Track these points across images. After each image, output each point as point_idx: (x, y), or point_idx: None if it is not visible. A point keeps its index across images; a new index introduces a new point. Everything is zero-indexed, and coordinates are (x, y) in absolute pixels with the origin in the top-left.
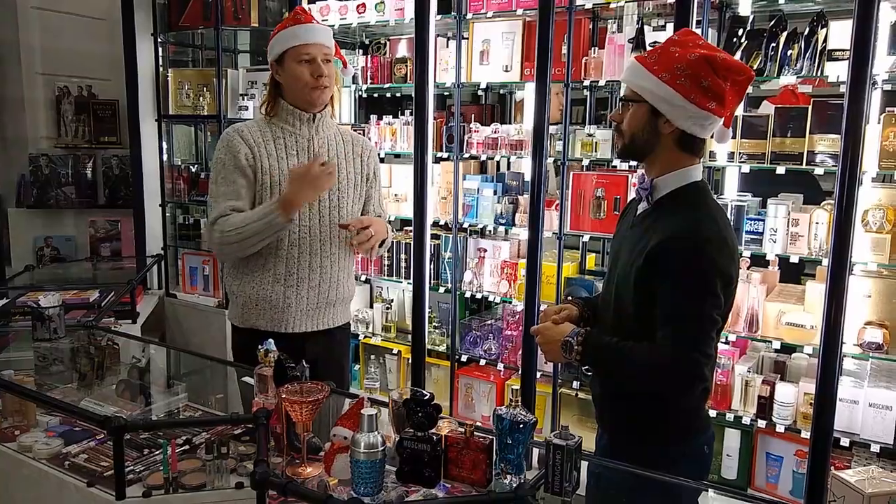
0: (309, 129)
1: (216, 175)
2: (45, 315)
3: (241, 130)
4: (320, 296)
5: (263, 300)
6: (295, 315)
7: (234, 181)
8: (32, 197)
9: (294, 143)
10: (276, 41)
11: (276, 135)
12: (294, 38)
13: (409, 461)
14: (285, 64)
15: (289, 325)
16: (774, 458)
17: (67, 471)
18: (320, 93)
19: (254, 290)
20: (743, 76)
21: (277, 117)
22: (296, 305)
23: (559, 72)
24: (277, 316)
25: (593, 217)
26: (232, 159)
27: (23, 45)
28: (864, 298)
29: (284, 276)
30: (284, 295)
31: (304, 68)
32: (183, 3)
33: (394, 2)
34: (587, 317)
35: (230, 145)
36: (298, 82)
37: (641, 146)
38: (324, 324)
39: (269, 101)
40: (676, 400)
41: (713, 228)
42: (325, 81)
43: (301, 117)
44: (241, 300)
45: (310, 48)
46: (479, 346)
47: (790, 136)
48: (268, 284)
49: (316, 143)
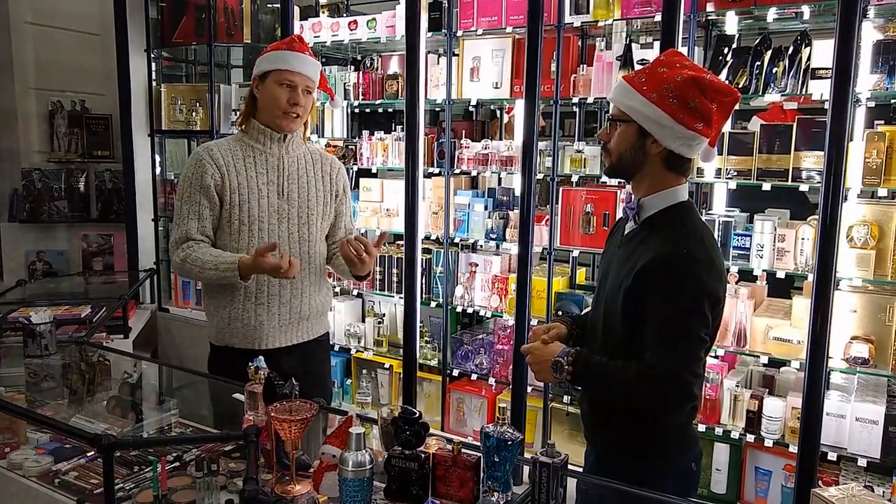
0: (279, 147)
1: (181, 193)
2: (35, 331)
3: (211, 150)
4: (292, 311)
5: (236, 319)
6: (268, 332)
7: (198, 202)
8: (25, 211)
9: (264, 161)
10: (265, 58)
11: (247, 153)
12: (283, 61)
13: (397, 479)
14: (267, 83)
15: (262, 342)
16: (763, 473)
17: (57, 488)
18: (290, 120)
19: (226, 309)
20: (730, 97)
21: (248, 135)
22: (268, 322)
23: (548, 89)
24: (250, 333)
25: (583, 232)
26: (198, 179)
27: (16, 59)
28: (850, 313)
29: (255, 294)
30: (256, 313)
31: (283, 92)
32: (176, 19)
33: (385, 19)
34: (576, 335)
35: (198, 165)
36: (274, 104)
37: (629, 165)
38: (298, 338)
39: (244, 114)
40: (665, 418)
41: (700, 249)
42: (299, 111)
43: (272, 136)
44: (216, 319)
45: (294, 76)
46: (470, 361)
47: (776, 153)
48: (239, 303)
49: (286, 161)
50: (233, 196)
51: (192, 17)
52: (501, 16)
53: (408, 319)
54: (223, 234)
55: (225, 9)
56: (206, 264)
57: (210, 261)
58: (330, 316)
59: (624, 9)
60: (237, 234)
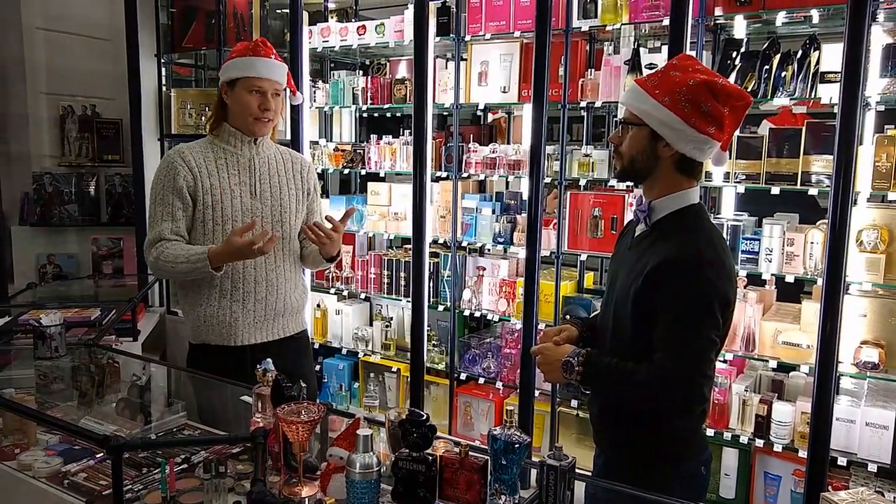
0: (250, 149)
1: (155, 195)
2: (46, 333)
3: (183, 152)
4: (267, 308)
5: (211, 316)
6: (242, 328)
7: (171, 203)
8: (36, 215)
9: (236, 163)
10: (231, 65)
11: (218, 155)
12: (250, 68)
13: (404, 481)
14: (236, 90)
15: (237, 339)
16: (773, 478)
17: (66, 489)
18: (263, 125)
19: (201, 307)
20: (742, 102)
21: (220, 138)
22: (242, 319)
23: (556, 93)
24: (225, 330)
25: (591, 236)
26: (171, 181)
27: (28, 64)
28: (860, 318)
29: (231, 291)
30: (231, 309)
31: (253, 99)
32: (186, 24)
33: (393, 24)
34: (586, 337)
35: (170, 167)
36: (245, 111)
37: (640, 169)
38: (273, 335)
39: (214, 118)
40: (674, 421)
41: (711, 251)
42: (271, 115)
43: (243, 139)
44: (192, 317)
45: (263, 82)
46: (477, 365)
47: (785, 157)
48: (214, 300)
49: (257, 162)
50: (205, 197)
51: (202, 23)
52: (509, 20)
53: (415, 323)
54: (197, 234)
55: (234, 14)
56: (177, 258)
57: (181, 254)
58: (337, 319)
59: (632, 13)
60: (211, 234)
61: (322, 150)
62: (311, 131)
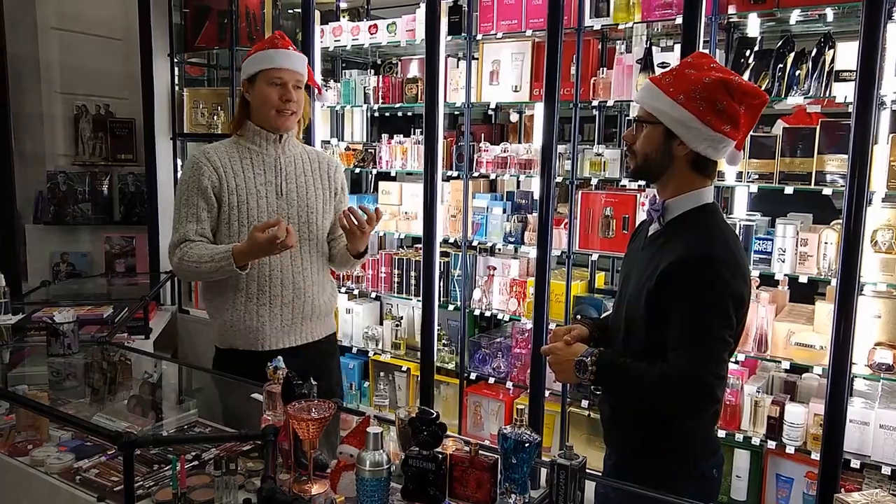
0: (275, 148)
1: (179, 197)
2: (59, 331)
3: (208, 153)
4: (294, 312)
5: (237, 321)
6: (269, 333)
7: (196, 204)
8: (49, 213)
9: (261, 162)
10: (250, 61)
11: (244, 154)
12: (269, 60)
13: (414, 479)
14: (256, 84)
15: (264, 344)
16: (785, 480)
17: (78, 485)
18: (286, 118)
19: (228, 311)
20: (758, 100)
21: (244, 137)
22: (269, 323)
23: (568, 92)
24: (252, 335)
25: (602, 236)
26: (196, 182)
27: (42, 64)
28: (874, 319)
29: (257, 295)
30: (258, 314)
31: (273, 91)
32: (199, 24)
33: (405, 23)
34: (597, 337)
35: (195, 168)
36: (266, 104)
37: (654, 167)
38: (301, 339)
39: (237, 119)
40: (686, 422)
41: (726, 250)
42: (293, 107)
43: (268, 137)
44: (218, 322)
45: (282, 73)
46: (488, 364)
47: (799, 156)
48: (241, 305)
49: (283, 161)
50: (231, 198)
51: (215, 23)
52: (521, 19)
53: (426, 322)
54: (222, 236)
55: (247, 14)
56: (201, 258)
57: (206, 254)
58: (348, 318)
59: (644, 11)
60: (237, 235)
61: (333, 149)
62: (322, 131)
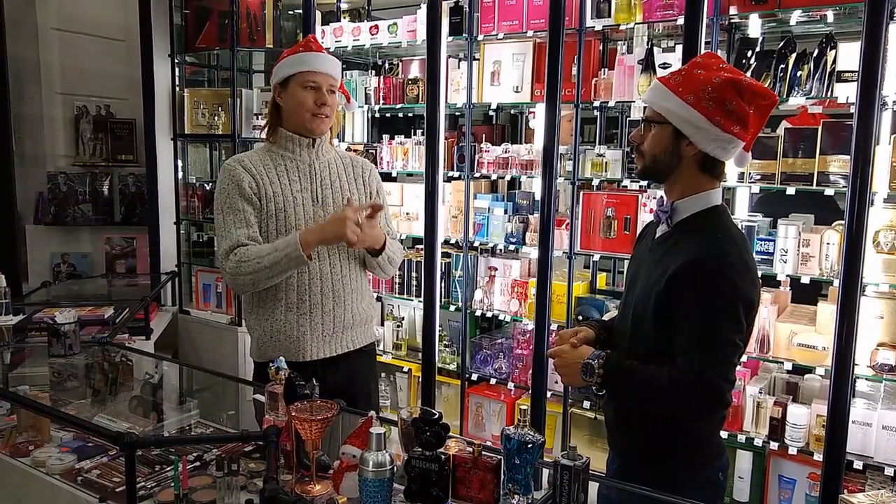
0: (309, 153)
1: (222, 205)
2: (60, 331)
3: (243, 160)
4: (336, 321)
5: (278, 332)
6: (311, 343)
7: (242, 208)
8: (50, 214)
9: (296, 169)
10: (283, 65)
11: (278, 162)
12: (303, 63)
13: (417, 480)
14: (289, 88)
15: (306, 354)
16: (787, 481)
17: (80, 486)
18: (320, 121)
19: (268, 322)
20: (767, 101)
21: (277, 144)
22: (311, 333)
23: (569, 92)
24: (293, 346)
25: (604, 237)
26: (236, 188)
27: (43, 65)
28: (877, 320)
29: (297, 305)
30: (298, 323)
31: (308, 95)
32: (199, 24)
33: (406, 23)
34: (603, 339)
35: (233, 174)
36: (301, 108)
37: (663, 168)
38: (342, 348)
39: (270, 124)
40: (692, 426)
41: (735, 252)
42: (327, 111)
43: (301, 143)
44: (257, 334)
45: (317, 76)
46: (489, 365)
47: (801, 157)
48: (281, 315)
49: (317, 167)
50: (268, 205)
51: (215, 23)
52: (522, 20)
53: (427, 323)
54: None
55: (247, 14)
56: (261, 252)
57: (266, 247)
58: None
59: (646, 12)
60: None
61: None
62: None
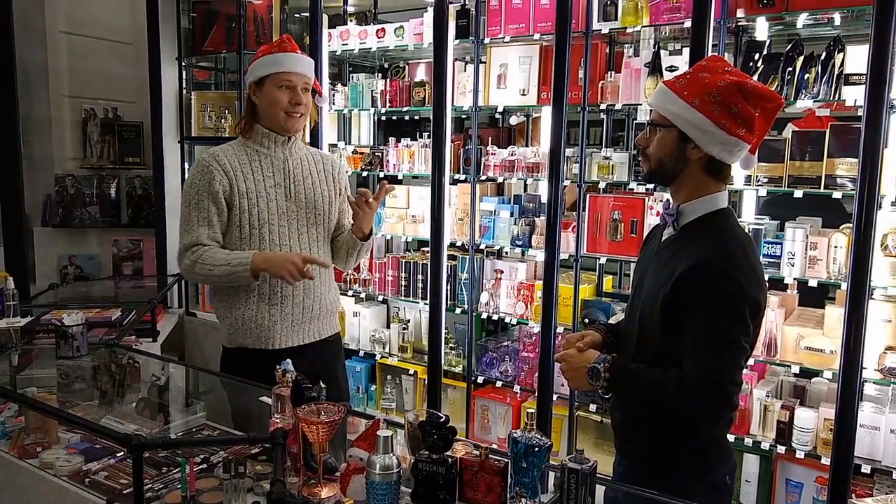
0: (283, 150)
1: (189, 199)
2: (68, 333)
3: (218, 156)
4: (304, 311)
5: (249, 320)
6: (280, 332)
7: (206, 208)
8: (58, 216)
9: (270, 165)
10: (258, 64)
11: (252, 157)
12: (278, 64)
13: (424, 483)
14: (265, 88)
15: (274, 342)
16: (794, 485)
17: (87, 488)
18: (295, 120)
19: (239, 311)
20: (773, 104)
21: (252, 140)
22: (280, 323)
23: (576, 95)
24: (263, 334)
25: (610, 239)
26: (206, 185)
27: (51, 67)
28: (885, 323)
29: (269, 295)
30: (269, 313)
31: (283, 94)
32: (207, 28)
33: (413, 27)
34: (610, 342)
35: (205, 171)
36: (276, 107)
37: (668, 171)
38: (309, 338)
39: (244, 122)
40: (699, 429)
41: (741, 255)
42: (302, 109)
43: (276, 140)
44: (228, 321)
45: (291, 76)
46: (495, 368)
47: (808, 160)
48: (252, 305)
49: (291, 163)
50: (241, 201)
51: (223, 26)
52: (529, 23)
53: (433, 326)
54: (232, 238)
55: (254, 18)
56: (216, 262)
57: (221, 258)
58: (355, 321)
59: (652, 15)
60: (248, 238)
61: (340, 152)
62: (329, 134)
